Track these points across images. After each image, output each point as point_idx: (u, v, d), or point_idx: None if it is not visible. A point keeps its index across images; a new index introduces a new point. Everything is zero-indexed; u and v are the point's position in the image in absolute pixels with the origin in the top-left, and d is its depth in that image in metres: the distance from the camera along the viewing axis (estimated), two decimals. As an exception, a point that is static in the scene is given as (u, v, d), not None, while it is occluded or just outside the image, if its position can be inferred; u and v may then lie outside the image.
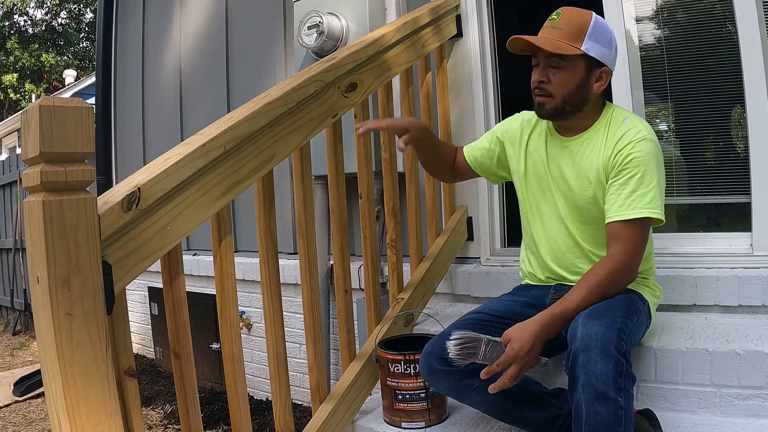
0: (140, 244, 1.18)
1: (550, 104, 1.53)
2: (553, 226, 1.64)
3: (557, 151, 1.62)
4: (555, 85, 1.51)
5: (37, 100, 1.00)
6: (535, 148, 1.67)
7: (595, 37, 1.49)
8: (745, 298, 1.84)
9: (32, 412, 3.40)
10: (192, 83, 3.63)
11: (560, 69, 1.50)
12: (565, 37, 1.48)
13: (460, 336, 1.35)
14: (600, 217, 1.54)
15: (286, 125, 1.58)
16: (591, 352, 1.24)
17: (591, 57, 1.49)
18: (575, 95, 1.52)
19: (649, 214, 1.43)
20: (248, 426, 1.49)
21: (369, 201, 1.97)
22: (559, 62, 1.49)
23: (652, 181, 1.45)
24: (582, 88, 1.52)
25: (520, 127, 1.72)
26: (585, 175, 1.56)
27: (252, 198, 1.59)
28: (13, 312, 5.88)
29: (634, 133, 1.48)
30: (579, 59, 1.49)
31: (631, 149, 1.47)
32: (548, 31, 1.51)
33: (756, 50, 1.90)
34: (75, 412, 1.01)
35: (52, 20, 20.34)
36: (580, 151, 1.58)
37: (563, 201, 1.61)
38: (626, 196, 1.45)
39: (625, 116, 1.55)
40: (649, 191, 1.44)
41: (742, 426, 1.47)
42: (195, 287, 3.33)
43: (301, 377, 2.87)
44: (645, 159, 1.45)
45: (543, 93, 1.53)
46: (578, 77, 1.50)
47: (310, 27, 2.46)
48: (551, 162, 1.63)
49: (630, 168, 1.46)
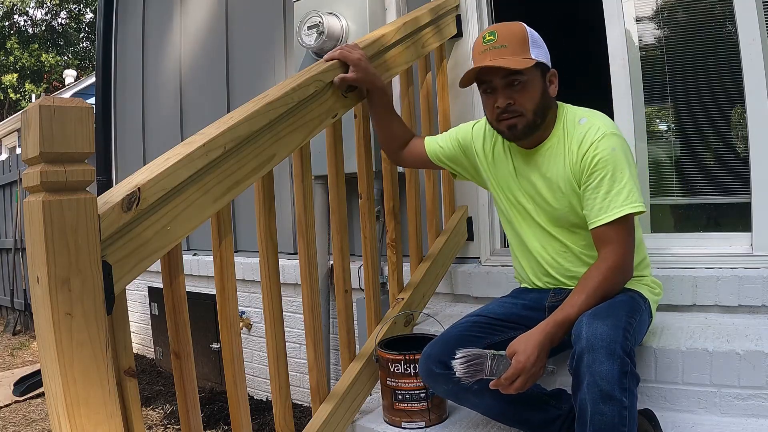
0: (140, 244, 1.18)
1: (521, 123, 1.50)
2: (539, 236, 1.63)
3: (523, 165, 1.61)
4: (523, 101, 1.48)
5: (37, 100, 1.00)
6: (503, 163, 1.66)
7: (536, 44, 1.50)
8: (745, 298, 1.84)
9: (32, 412, 3.40)
10: (192, 83, 3.63)
11: (522, 84, 1.47)
12: (514, 53, 1.46)
13: (465, 354, 1.34)
14: (582, 222, 1.53)
15: (286, 125, 1.58)
16: (596, 352, 1.24)
17: (541, 63, 1.49)
18: (541, 105, 1.50)
19: (630, 210, 1.42)
20: (248, 426, 1.49)
21: (369, 201, 1.96)
22: (519, 78, 1.46)
23: (623, 176, 1.43)
24: (545, 95, 1.51)
25: (482, 140, 1.71)
26: (556, 185, 1.54)
27: (252, 198, 1.59)
28: (13, 312, 5.88)
29: (593, 132, 1.47)
30: (534, 70, 1.48)
31: (595, 150, 1.45)
32: (495, 53, 1.47)
33: (756, 50, 1.90)
34: (75, 412, 1.01)
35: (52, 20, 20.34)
36: (545, 162, 1.56)
37: (542, 213, 1.60)
38: (602, 198, 1.44)
39: (580, 116, 1.54)
40: (623, 188, 1.43)
41: (742, 426, 1.47)
42: (195, 287, 3.32)
43: (301, 377, 2.87)
44: (611, 156, 1.44)
45: (513, 114, 1.49)
46: (539, 87, 1.50)
47: (310, 27, 2.46)
48: (520, 177, 1.62)
49: (599, 169, 1.44)
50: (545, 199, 1.57)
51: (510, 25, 1.51)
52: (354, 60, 1.73)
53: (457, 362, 1.34)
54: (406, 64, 2.08)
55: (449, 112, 2.41)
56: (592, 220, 1.47)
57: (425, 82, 2.29)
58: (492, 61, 1.46)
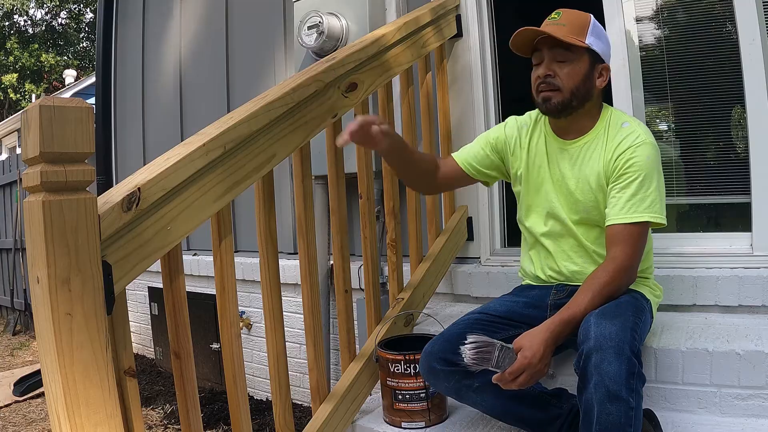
0: (140, 244, 1.18)
1: (557, 98, 1.53)
2: (555, 227, 1.64)
3: (557, 153, 1.63)
4: (562, 77, 1.51)
5: (37, 100, 1.00)
6: (538, 150, 1.67)
7: (596, 34, 1.53)
8: (745, 298, 1.84)
9: (32, 412, 3.40)
10: (192, 83, 3.63)
11: (566, 62, 1.51)
12: (569, 32, 1.50)
13: (476, 340, 1.34)
14: (601, 220, 1.55)
15: (286, 125, 1.58)
16: (605, 352, 1.24)
17: (594, 51, 1.52)
18: (582, 88, 1.53)
19: (649, 218, 1.46)
20: (248, 426, 1.49)
21: (369, 201, 1.96)
22: (566, 54, 1.51)
23: (651, 185, 1.47)
24: (587, 81, 1.53)
25: (517, 131, 1.71)
26: (585, 179, 1.56)
27: (252, 198, 1.59)
28: (13, 312, 5.88)
29: (633, 138, 1.50)
30: (584, 52, 1.52)
31: (632, 154, 1.49)
32: (552, 27, 1.51)
33: (756, 50, 1.90)
34: (75, 412, 1.01)
35: (52, 20, 20.34)
36: (580, 156, 1.59)
37: (565, 203, 1.61)
38: (627, 200, 1.47)
39: (624, 119, 1.57)
40: (648, 195, 1.46)
41: (742, 426, 1.47)
42: (195, 287, 3.32)
43: (301, 377, 2.87)
44: (645, 164, 1.47)
45: (550, 87, 1.52)
46: (583, 70, 1.52)
47: (310, 27, 2.46)
48: (552, 164, 1.63)
49: (631, 173, 1.48)
50: (570, 189, 1.59)
51: (576, 12, 1.55)
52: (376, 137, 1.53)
53: (467, 347, 1.34)
54: (407, 64, 2.08)
55: (449, 112, 2.41)
56: (611, 217, 1.49)
57: (425, 82, 2.29)
58: (543, 29, 1.51)
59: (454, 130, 2.43)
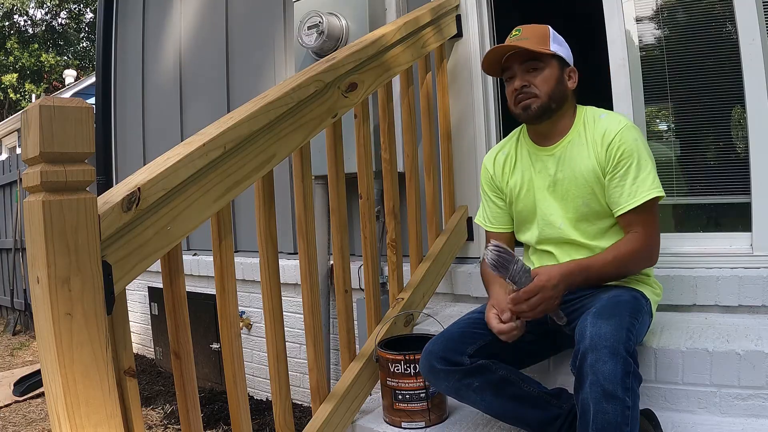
0: (140, 244, 1.18)
1: (536, 103, 1.59)
2: (552, 235, 1.64)
3: (543, 162, 1.67)
4: (538, 84, 1.59)
5: (37, 100, 1.00)
6: (525, 166, 1.71)
7: (557, 42, 1.63)
8: (745, 298, 1.84)
9: (32, 412, 3.40)
10: (192, 83, 3.63)
11: (538, 70, 1.59)
12: (535, 44, 1.58)
13: (498, 245, 1.42)
14: (601, 212, 1.58)
15: (286, 125, 1.58)
16: (600, 352, 1.25)
17: (560, 57, 1.62)
18: (557, 91, 1.60)
19: (656, 194, 1.52)
20: (248, 426, 1.49)
21: (369, 201, 1.96)
22: (536, 64, 1.59)
23: (647, 164, 1.54)
24: (560, 84, 1.61)
25: (502, 163, 1.76)
26: (579, 174, 1.59)
27: (252, 198, 1.59)
28: (13, 312, 5.88)
29: (615, 124, 1.57)
30: (551, 59, 1.60)
31: (621, 139, 1.54)
32: (518, 43, 1.59)
33: (756, 50, 1.89)
34: (75, 412, 1.01)
35: (52, 20, 20.34)
36: (565, 155, 1.62)
37: (560, 207, 1.63)
38: (630, 184, 1.53)
39: (599, 113, 1.64)
40: (648, 174, 1.53)
41: (742, 426, 1.47)
42: (195, 287, 3.32)
43: (301, 377, 2.87)
44: (634, 145, 1.54)
45: (527, 95, 1.60)
46: (555, 74, 1.60)
47: (310, 27, 2.46)
48: (541, 173, 1.66)
49: (626, 158, 1.54)
50: (566, 189, 1.62)
51: (534, 25, 1.64)
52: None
53: (490, 248, 1.42)
54: (407, 64, 2.08)
55: (449, 112, 2.41)
56: (621, 206, 1.54)
57: (425, 82, 2.29)
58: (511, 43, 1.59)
59: (454, 129, 2.43)
